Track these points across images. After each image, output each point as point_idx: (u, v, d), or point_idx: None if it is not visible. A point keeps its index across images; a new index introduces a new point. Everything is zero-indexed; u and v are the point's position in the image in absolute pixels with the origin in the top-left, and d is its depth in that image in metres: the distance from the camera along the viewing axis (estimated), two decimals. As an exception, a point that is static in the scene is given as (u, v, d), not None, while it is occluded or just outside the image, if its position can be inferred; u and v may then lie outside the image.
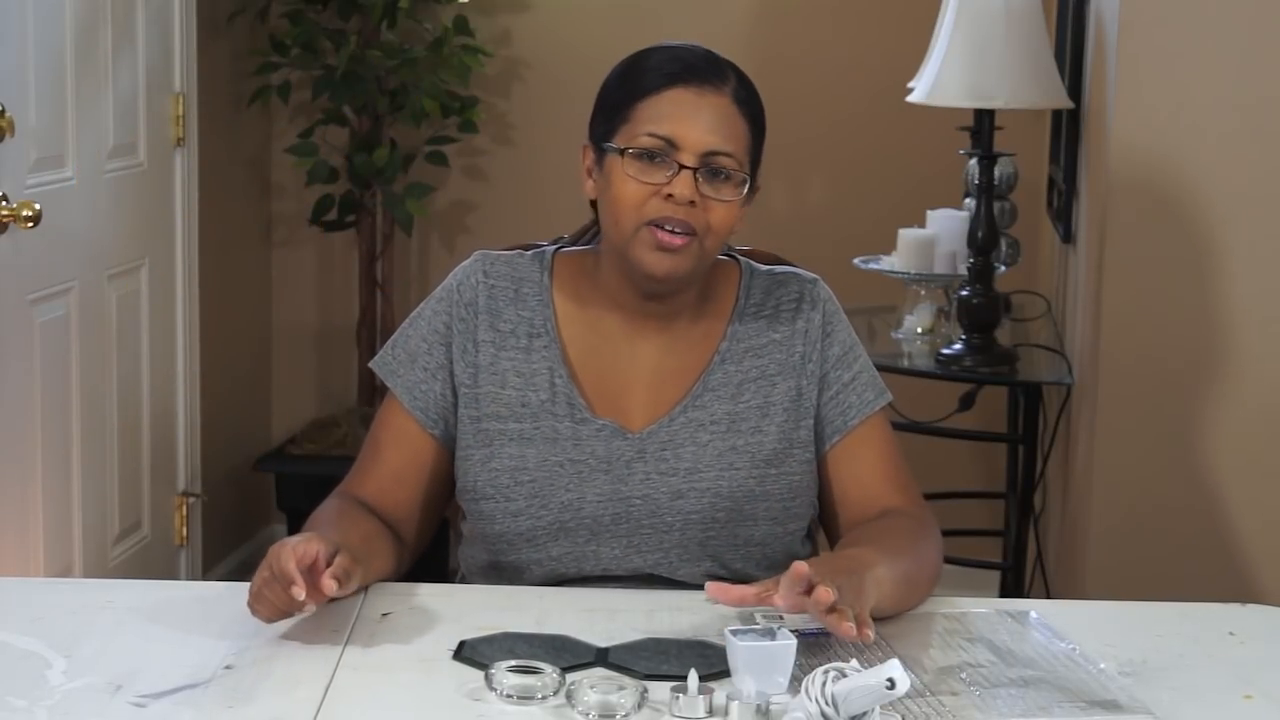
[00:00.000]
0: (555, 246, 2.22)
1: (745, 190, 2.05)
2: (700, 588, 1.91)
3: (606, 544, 2.08)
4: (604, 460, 2.08)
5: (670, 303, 2.11)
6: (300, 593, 1.79)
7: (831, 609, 1.74)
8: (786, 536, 2.12)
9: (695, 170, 2.02)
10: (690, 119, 2.03)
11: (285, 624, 1.90)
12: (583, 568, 2.08)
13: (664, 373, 2.12)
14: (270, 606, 1.84)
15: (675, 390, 2.12)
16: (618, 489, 2.07)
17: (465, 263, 2.19)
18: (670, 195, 2.02)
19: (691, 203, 2.02)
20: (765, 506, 2.09)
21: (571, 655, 1.80)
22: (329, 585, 1.82)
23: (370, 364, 2.21)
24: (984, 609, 1.99)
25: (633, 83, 2.07)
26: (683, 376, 2.12)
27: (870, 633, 1.76)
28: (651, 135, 2.03)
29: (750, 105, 2.08)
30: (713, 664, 1.77)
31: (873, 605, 1.84)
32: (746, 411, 2.11)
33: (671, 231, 2.02)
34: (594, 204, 2.15)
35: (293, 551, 1.82)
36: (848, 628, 1.73)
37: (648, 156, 2.03)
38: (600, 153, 2.08)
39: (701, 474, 2.08)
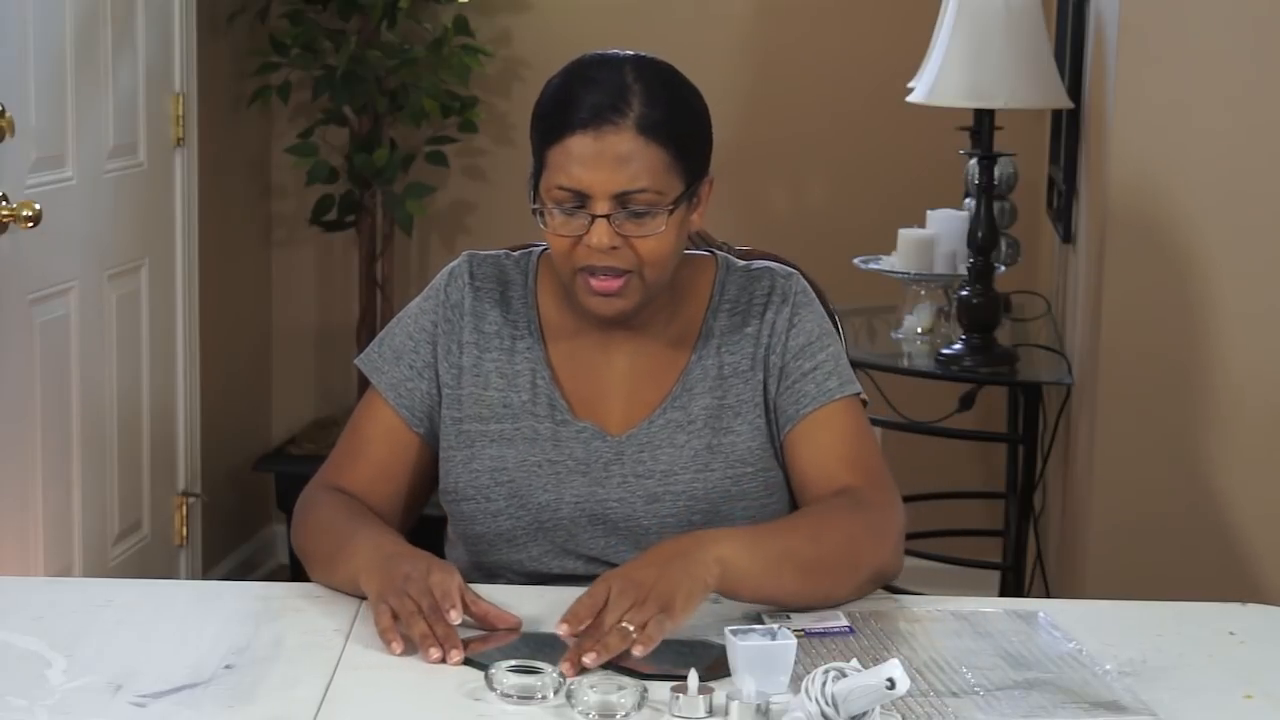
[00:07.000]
0: (543, 248, 2.19)
1: (677, 209, 2.01)
2: None
3: (585, 545, 2.07)
4: (582, 462, 2.07)
5: (639, 315, 2.09)
6: (458, 616, 1.83)
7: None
8: None
9: (609, 216, 1.98)
10: (593, 166, 1.97)
11: (283, 624, 1.90)
12: (565, 566, 2.08)
13: (641, 375, 2.11)
14: (424, 638, 1.82)
15: (654, 392, 2.11)
16: (594, 491, 2.07)
17: (452, 263, 2.19)
18: (590, 245, 1.99)
19: (615, 247, 1.99)
20: (743, 506, 2.08)
21: (571, 655, 1.80)
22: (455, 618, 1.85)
23: (355, 360, 2.21)
24: (990, 609, 1.99)
25: (543, 124, 2.02)
26: (660, 377, 2.11)
27: (638, 650, 1.76)
28: (561, 189, 1.99)
29: (663, 126, 1.99)
30: (713, 662, 1.77)
31: (712, 586, 1.85)
32: (722, 410, 2.09)
33: (604, 277, 2.01)
34: None
35: (457, 589, 1.85)
36: (568, 665, 1.75)
37: (562, 211, 2.00)
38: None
39: (677, 476, 2.06)
